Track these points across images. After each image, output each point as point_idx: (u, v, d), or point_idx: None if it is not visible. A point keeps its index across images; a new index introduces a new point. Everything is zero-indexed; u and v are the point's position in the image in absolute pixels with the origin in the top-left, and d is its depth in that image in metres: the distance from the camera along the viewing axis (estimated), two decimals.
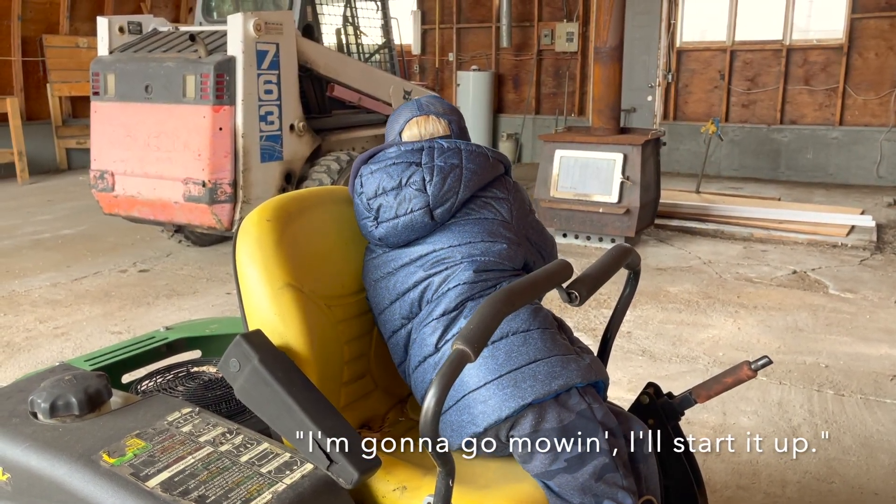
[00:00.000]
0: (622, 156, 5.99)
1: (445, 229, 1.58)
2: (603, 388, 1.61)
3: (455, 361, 1.06)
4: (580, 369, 1.49)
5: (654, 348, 4.04)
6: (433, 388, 1.04)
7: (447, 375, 1.04)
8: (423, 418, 1.04)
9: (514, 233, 1.63)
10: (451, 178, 1.58)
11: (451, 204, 1.57)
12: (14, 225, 6.99)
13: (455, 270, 1.54)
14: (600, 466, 1.39)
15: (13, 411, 1.39)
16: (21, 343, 4.08)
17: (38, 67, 10.34)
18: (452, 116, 1.75)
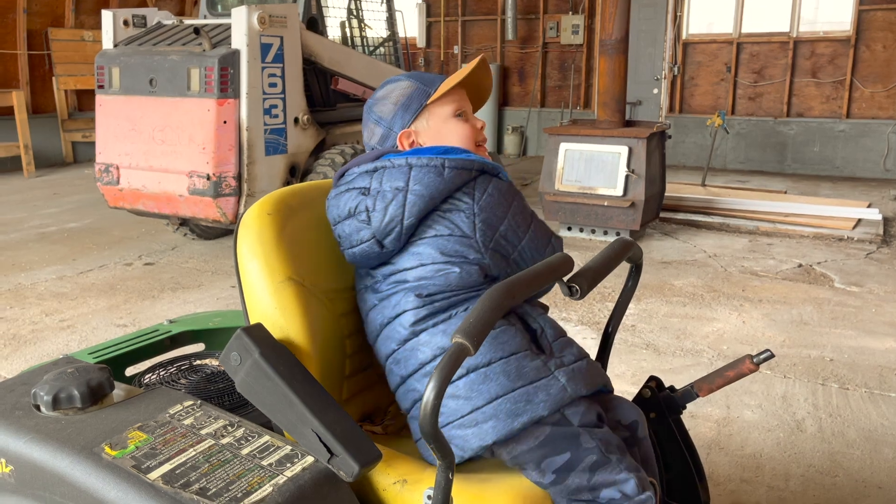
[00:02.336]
0: (627, 149, 5.97)
1: (405, 249, 1.48)
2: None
3: (454, 355, 1.06)
4: (550, 398, 1.38)
5: (658, 342, 4.04)
6: (432, 382, 1.03)
7: (446, 369, 1.04)
8: (423, 412, 1.04)
9: (475, 249, 1.45)
10: (393, 205, 1.43)
11: (397, 233, 1.44)
12: (20, 218, 7.02)
13: (405, 296, 1.45)
14: (590, 465, 1.36)
15: (16, 404, 1.40)
16: (27, 336, 4.10)
17: (43, 61, 10.36)
18: None
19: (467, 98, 1.64)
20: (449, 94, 1.59)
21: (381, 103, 1.61)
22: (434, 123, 1.59)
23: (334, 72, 5.96)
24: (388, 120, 1.59)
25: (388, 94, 1.60)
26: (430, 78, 1.62)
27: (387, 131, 1.59)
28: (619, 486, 1.37)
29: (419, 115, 1.58)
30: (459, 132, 1.59)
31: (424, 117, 1.58)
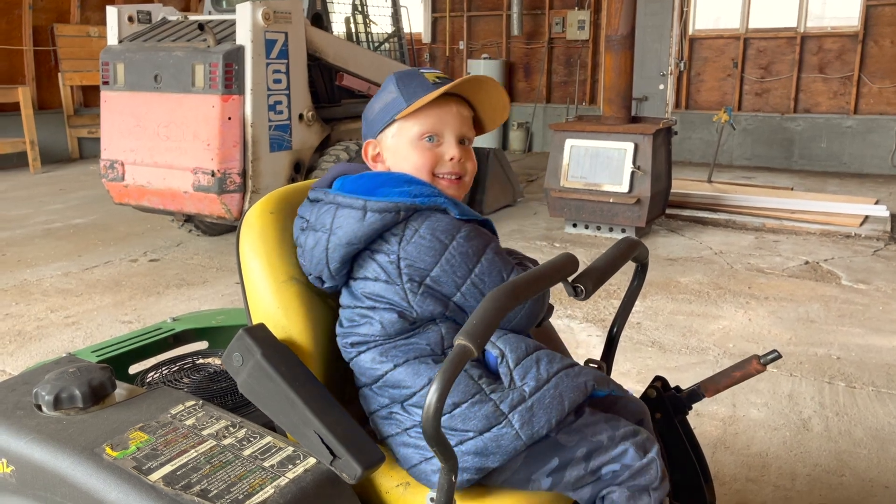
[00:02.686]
0: (633, 145, 5.95)
1: (346, 284, 1.41)
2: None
3: (457, 357, 1.04)
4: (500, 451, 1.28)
5: (663, 339, 4.02)
6: (435, 384, 1.02)
7: (449, 371, 1.03)
8: (425, 414, 1.03)
9: (400, 296, 1.34)
10: (317, 248, 1.36)
11: (327, 275, 1.38)
12: (26, 214, 7.03)
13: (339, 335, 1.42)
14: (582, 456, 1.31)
15: (17, 403, 1.39)
16: (32, 332, 4.11)
17: (49, 57, 10.37)
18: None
19: (453, 119, 1.43)
20: (424, 112, 1.40)
21: (372, 101, 1.50)
22: (398, 142, 1.43)
23: (339, 68, 5.95)
24: (368, 122, 1.49)
25: (379, 93, 1.49)
26: (415, 87, 1.41)
27: (364, 135, 1.51)
28: (617, 460, 1.32)
29: (388, 127, 1.44)
30: (415, 160, 1.41)
31: (392, 132, 1.44)
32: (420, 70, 1.46)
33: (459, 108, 1.45)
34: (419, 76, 1.44)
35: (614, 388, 1.44)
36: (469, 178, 1.48)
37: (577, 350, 3.76)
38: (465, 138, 1.46)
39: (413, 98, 1.40)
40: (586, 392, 1.35)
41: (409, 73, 1.46)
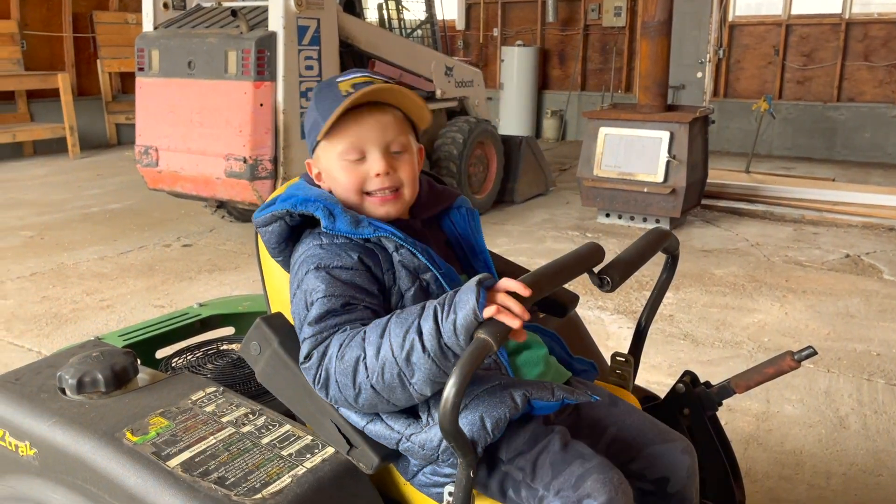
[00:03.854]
0: (669, 134, 5.84)
1: None
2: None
3: (476, 352, 1.01)
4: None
5: (696, 332, 3.94)
6: (453, 378, 0.99)
7: (467, 366, 1.00)
8: (443, 409, 1.00)
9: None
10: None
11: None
12: (65, 199, 7.16)
13: None
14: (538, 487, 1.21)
15: (42, 386, 1.40)
16: (68, 314, 4.18)
17: (88, 43, 10.53)
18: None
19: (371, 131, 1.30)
20: (340, 129, 1.30)
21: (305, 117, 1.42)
22: (327, 163, 1.34)
23: (371, 55, 5.92)
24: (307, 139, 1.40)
25: (308, 109, 1.39)
26: (328, 103, 1.29)
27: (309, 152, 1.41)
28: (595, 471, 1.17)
29: (317, 147, 1.35)
30: (342, 180, 1.32)
31: (321, 152, 1.35)
32: (336, 79, 1.33)
33: (379, 116, 1.31)
34: (332, 88, 1.31)
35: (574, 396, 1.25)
36: (410, 189, 1.34)
37: (606, 342, 3.71)
38: (393, 146, 1.32)
39: (326, 115, 1.28)
40: (515, 408, 1.19)
41: (324, 86, 1.35)
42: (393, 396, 1.13)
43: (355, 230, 1.25)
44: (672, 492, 1.36)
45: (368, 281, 1.25)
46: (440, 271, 1.29)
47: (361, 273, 1.24)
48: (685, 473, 1.36)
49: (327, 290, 1.21)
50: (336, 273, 1.23)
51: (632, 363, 1.67)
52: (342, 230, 1.25)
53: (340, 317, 1.19)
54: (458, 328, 1.05)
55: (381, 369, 1.11)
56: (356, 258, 1.25)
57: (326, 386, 1.17)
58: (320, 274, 1.23)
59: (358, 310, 1.21)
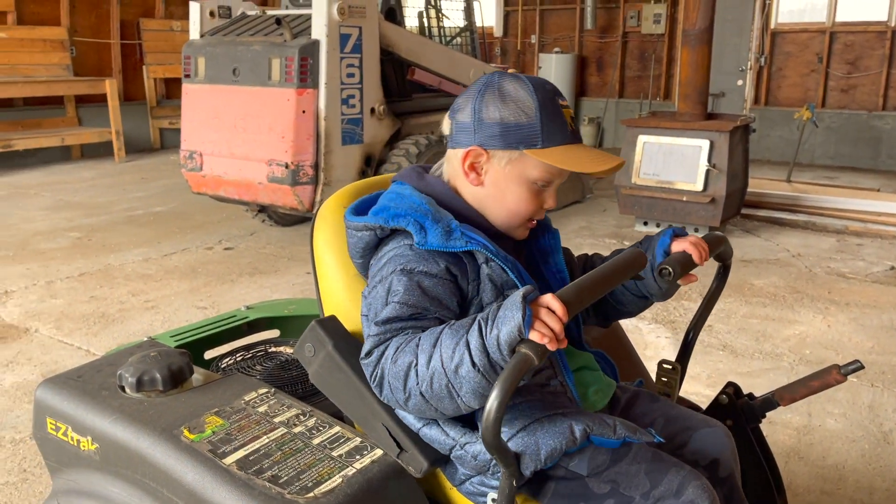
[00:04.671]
0: (709, 142, 5.79)
1: None
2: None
3: (517, 366, 1.02)
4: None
5: (735, 343, 3.91)
6: (496, 391, 1.00)
7: (509, 380, 1.00)
8: (485, 423, 1.01)
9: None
10: None
11: None
12: (111, 201, 7.35)
13: None
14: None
15: (103, 384, 1.46)
16: (114, 314, 4.29)
17: (135, 50, 10.79)
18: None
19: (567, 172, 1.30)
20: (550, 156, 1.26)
21: (490, 101, 1.27)
22: (510, 173, 1.29)
23: (411, 62, 5.99)
24: (482, 125, 1.27)
25: (503, 97, 1.27)
26: (556, 128, 1.25)
27: (465, 136, 1.30)
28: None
29: (508, 150, 1.27)
30: (518, 201, 1.31)
31: (510, 157, 1.28)
32: (558, 101, 1.28)
33: None
34: (561, 113, 1.27)
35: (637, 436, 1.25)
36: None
37: (644, 351, 3.69)
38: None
39: (550, 141, 1.25)
40: (573, 442, 1.21)
41: (551, 103, 1.27)
42: (441, 405, 1.15)
43: (446, 243, 1.23)
44: (723, 476, 1.38)
45: (449, 291, 1.24)
46: (521, 282, 1.28)
47: (444, 282, 1.24)
48: (731, 456, 1.41)
49: (403, 297, 1.21)
50: (419, 279, 1.23)
51: (678, 371, 1.67)
52: (434, 245, 1.23)
53: (406, 322, 1.21)
54: (502, 344, 1.06)
55: (430, 378, 1.13)
56: (443, 266, 1.24)
57: (381, 385, 1.20)
58: (403, 278, 1.23)
59: (426, 319, 1.22)
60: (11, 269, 5.10)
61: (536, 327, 1.04)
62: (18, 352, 3.77)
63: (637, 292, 1.48)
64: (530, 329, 1.04)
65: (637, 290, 1.47)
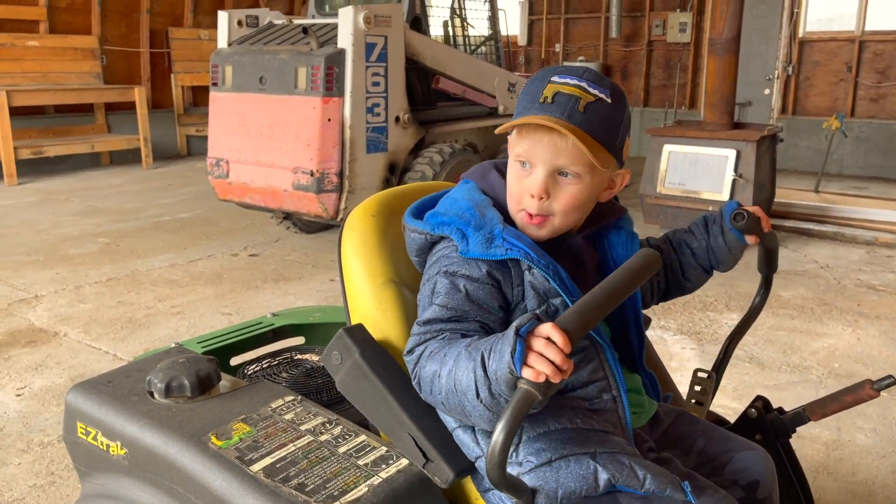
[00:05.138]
0: (735, 152, 5.74)
1: None
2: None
3: (520, 403, 0.97)
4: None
5: (762, 355, 3.85)
6: (499, 429, 0.97)
7: (511, 420, 0.97)
8: (490, 462, 0.99)
9: None
10: None
11: None
12: (138, 207, 7.45)
13: None
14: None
15: (132, 389, 1.48)
16: (141, 319, 4.34)
17: (163, 58, 10.95)
18: None
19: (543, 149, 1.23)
20: (523, 133, 1.25)
21: None
22: (511, 155, 1.31)
23: (436, 71, 6.01)
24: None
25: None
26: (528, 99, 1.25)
27: None
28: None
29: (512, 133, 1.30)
30: (510, 182, 1.31)
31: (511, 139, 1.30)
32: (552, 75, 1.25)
33: (557, 139, 1.22)
34: (542, 83, 1.24)
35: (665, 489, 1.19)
36: (562, 219, 1.28)
37: (669, 363, 3.65)
38: (563, 171, 1.25)
39: (520, 114, 1.25)
40: (595, 490, 1.19)
41: (540, 75, 1.27)
42: (462, 418, 1.16)
43: (486, 251, 1.22)
44: (761, 498, 1.38)
45: (491, 296, 1.23)
46: (571, 298, 1.23)
47: (486, 287, 1.22)
48: (770, 479, 1.40)
49: (444, 299, 1.22)
50: (460, 282, 1.22)
51: (713, 380, 1.66)
52: (474, 254, 1.22)
53: (447, 324, 1.21)
54: (500, 380, 1.02)
55: (447, 393, 1.13)
56: (484, 271, 1.23)
57: (419, 385, 1.21)
58: (446, 280, 1.23)
59: (466, 322, 1.21)
60: (42, 274, 5.18)
61: (531, 363, 0.97)
62: (47, 355, 3.82)
63: (705, 263, 1.52)
64: (523, 366, 0.97)
65: (706, 260, 1.52)
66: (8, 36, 9.21)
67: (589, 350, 1.28)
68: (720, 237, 1.49)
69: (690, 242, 1.54)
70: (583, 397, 1.28)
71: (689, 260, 1.54)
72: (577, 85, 1.23)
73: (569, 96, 1.21)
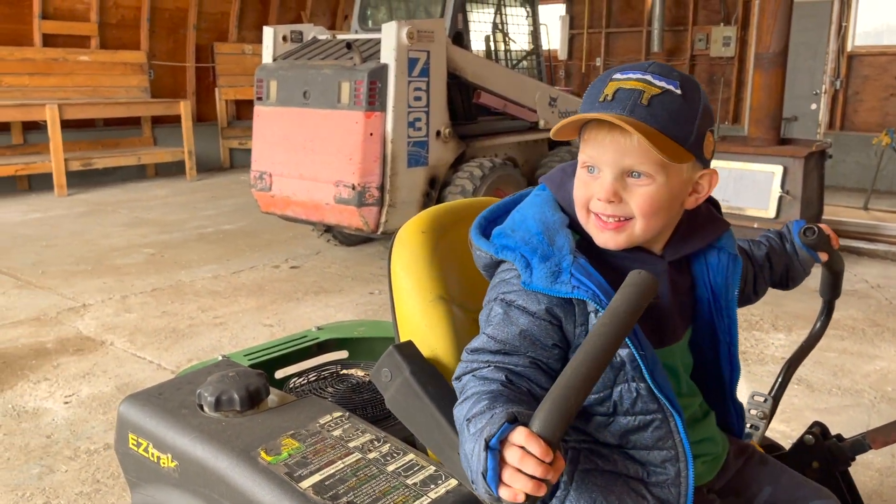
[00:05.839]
0: (782, 168, 5.63)
1: None
2: None
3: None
4: None
5: (812, 377, 3.75)
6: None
7: None
8: None
9: None
10: None
11: None
12: (183, 219, 7.58)
13: None
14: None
15: (183, 402, 1.49)
16: (185, 330, 4.40)
17: (208, 73, 11.18)
18: None
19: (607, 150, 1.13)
20: (585, 136, 1.16)
21: None
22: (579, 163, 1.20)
23: (477, 85, 6.02)
24: None
25: None
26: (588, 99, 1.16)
27: None
28: None
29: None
30: (576, 187, 1.19)
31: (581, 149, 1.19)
32: (614, 73, 1.15)
33: (619, 138, 1.11)
34: (603, 83, 1.15)
35: None
36: (644, 222, 1.14)
37: None
38: (633, 171, 1.13)
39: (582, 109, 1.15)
40: None
41: (601, 80, 1.17)
42: None
43: (550, 287, 1.10)
44: None
45: (546, 334, 1.12)
46: (640, 351, 1.10)
47: (543, 324, 1.11)
48: None
49: (495, 330, 1.13)
50: (514, 314, 1.12)
51: (770, 404, 1.61)
52: (537, 287, 1.10)
53: (494, 356, 1.11)
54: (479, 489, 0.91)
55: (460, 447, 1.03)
56: (544, 307, 1.11)
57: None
58: (500, 309, 1.14)
59: (516, 356, 1.11)
60: (90, 283, 5.30)
61: (507, 480, 0.85)
62: (95, 364, 3.89)
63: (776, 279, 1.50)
64: (499, 484, 0.86)
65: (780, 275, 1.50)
66: (61, 51, 9.49)
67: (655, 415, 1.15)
68: (795, 254, 1.48)
69: (771, 256, 1.49)
70: (640, 461, 1.18)
71: (765, 274, 1.50)
72: (640, 79, 1.11)
73: (631, 91, 1.10)
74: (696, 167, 1.17)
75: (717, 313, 1.27)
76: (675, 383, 1.22)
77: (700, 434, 1.26)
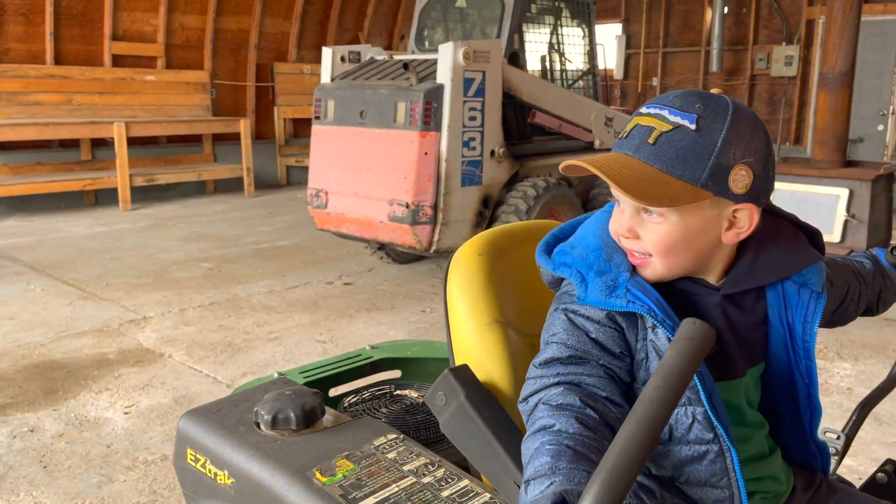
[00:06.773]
0: (848, 191, 5.46)
1: None
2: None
3: None
4: None
5: (880, 410, 3.58)
6: None
7: None
8: None
9: None
10: None
11: None
12: (240, 234, 7.75)
13: None
14: None
15: (240, 419, 1.50)
16: (240, 344, 4.48)
17: (267, 92, 11.45)
18: None
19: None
20: None
21: None
22: None
23: (532, 105, 6.01)
24: None
25: None
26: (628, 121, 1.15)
27: None
28: None
29: None
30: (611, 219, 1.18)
31: None
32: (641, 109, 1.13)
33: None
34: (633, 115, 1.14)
35: None
36: (662, 261, 1.11)
37: None
38: (647, 209, 1.10)
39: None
40: None
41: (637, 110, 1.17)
42: None
43: (605, 300, 1.09)
44: None
45: (612, 339, 1.10)
46: (702, 384, 1.05)
47: (608, 330, 1.10)
48: None
49: (564, 336, 1.10)
50: (579, 322, 1.11)
51: (843, 442, 1.55)
52: (592, 301, 1.10)
53: (567, 367, 1.08)
54: None
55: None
56: (605, 314, 1.10)
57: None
58: (563, 317, 1.13)
59: (588, 364, 1.08)
60: (150, 296, 5.44)
61: None
62: (153, 376, 3.99)
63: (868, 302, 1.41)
64: None
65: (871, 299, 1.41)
66: (129, 71, 9.86)
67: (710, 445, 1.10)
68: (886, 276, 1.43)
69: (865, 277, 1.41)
70: (692, 498, 1.13)
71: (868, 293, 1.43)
72: (656, 114, 1.08)
73: (643, 128, 1.08)
74: (724, 202, 1.09)
75: (794, 353, 1.19)
76: (736, 417, 1.17)
77: (763, 471, 1.21)
